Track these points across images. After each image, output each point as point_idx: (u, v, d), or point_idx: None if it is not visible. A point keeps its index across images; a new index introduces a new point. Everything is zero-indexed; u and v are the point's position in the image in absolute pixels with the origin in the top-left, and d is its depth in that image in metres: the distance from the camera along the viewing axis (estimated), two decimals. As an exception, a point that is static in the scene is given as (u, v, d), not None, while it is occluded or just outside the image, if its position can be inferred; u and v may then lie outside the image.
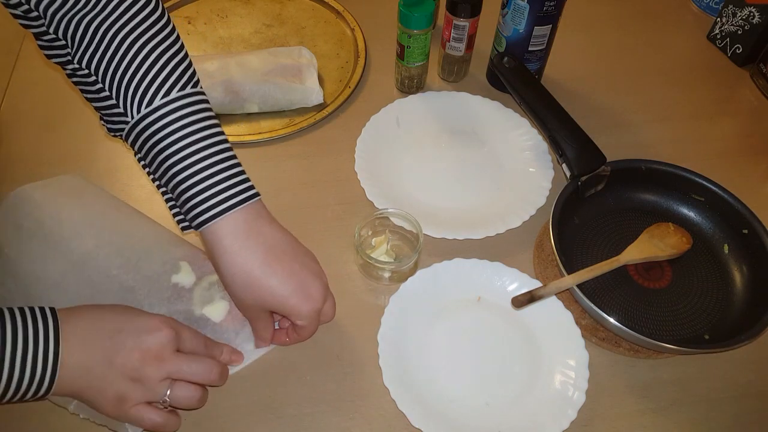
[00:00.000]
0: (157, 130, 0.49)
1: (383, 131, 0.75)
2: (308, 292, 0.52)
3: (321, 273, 0.54)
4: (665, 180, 0.67)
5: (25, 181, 0.63)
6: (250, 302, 0.52)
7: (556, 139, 0.66)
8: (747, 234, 0.63)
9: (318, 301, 0.53)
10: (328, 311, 0.56)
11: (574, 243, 0.65)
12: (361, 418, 0.55)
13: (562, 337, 0.58)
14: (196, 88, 0.51)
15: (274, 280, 0.51)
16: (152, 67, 0.49)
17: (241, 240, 0.50)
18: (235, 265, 0.50)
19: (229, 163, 0.51)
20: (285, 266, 0.51)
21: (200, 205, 0.49)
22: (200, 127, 0.50)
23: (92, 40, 0.49)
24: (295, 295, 0.51)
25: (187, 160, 0.49)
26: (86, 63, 0.50)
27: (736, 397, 0.57)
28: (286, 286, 0.51)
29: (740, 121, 0.81)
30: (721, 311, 0.61)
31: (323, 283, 0.54)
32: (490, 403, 0.55)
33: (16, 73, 0.82)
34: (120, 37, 0.49)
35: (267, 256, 0.51)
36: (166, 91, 0.49)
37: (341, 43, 0.87)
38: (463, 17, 0.74)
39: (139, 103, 0.49)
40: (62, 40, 0.50)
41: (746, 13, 0.83)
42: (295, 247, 0.53)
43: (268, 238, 0.52)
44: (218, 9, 0.91)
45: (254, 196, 0.52)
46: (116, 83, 0.49)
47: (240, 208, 0.50)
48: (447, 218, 0.67)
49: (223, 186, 0.50)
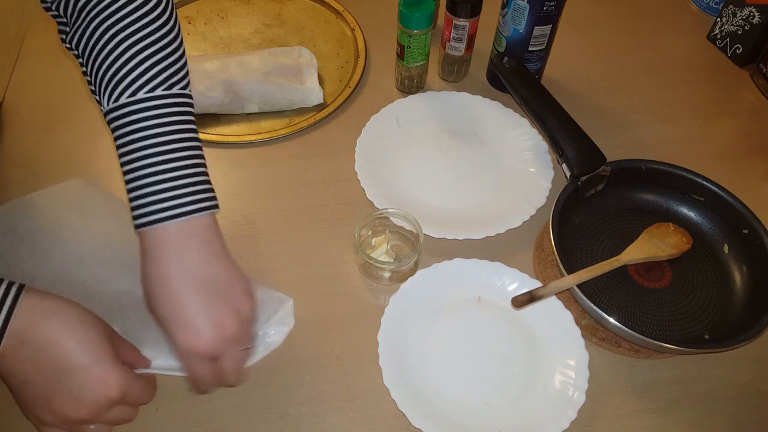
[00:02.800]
0: (120, 126, 0.47)
1: (383, 131, 0.75)
2: (197, 330, 0.47)
3: (228, 324, 0.48)
4: (665, 180, 0.67)
5: (25, 180, 0.63)
6: (151, 311, 0.49)
7: (556, 139, 0.66)
8: (747, 234, 0.63)
9: (202, 343, 0.47)
10: (227, 370, 0.50)
11: (574, 243, 0.65)
12: (361, 418, 0.55)
13: (562, 337, 0.58)
14: (171, 90, 0.49)
15: (172, 300, 0.47)
16: (127, 63, 0.47)
17: (171, 254, 0.47)
18: (152, 274, 0.47)
19: (188, 171, 0.48)
20: (190, 293, 0.47)
21: (144, 207, 0.47)
22: (164, 131, 0.47)
23: (81, 23, 0.48)
24: (181, 324, 0.47)
25: (143, 161, 0.47)
26: (75, 43, 0.49)
27: (736, 397, 0.57)
28: (178, 308, 0.47)
29: (740, 121, 0.81)
30: (721, 311, 0.61)
31: (221, 330, 0.47)
32: (490, 403, 0.55)
33: (16, 73, 0.82)
34: (105, 25, 0.47)
35: (185, 279, 0.47)
36: (134, 90, 0.47)
37: (341, 43, 0.87)
38: (463, 17, 0.74)
39: (109, 96, 0.48)
40: (64, 18, 0.50)
41: (746, 13, 0.83)
42: (219, 285, 0.48)
43: (197, 262, 0.48)
44: (218, 9, 0.91)
45: (201, 210, 0.48)
46: (93, 71, 0.48)
47: (182, 220, 0.47)
48: (447, 218, 0.67)
49: (175, 193, 0.47)
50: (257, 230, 0.67)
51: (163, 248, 0.47)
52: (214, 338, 0.47)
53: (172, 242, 0.47)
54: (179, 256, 0.47)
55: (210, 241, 0.49)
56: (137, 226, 0.48)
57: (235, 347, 0.50)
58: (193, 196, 0.48)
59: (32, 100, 0.79)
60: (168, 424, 0.54)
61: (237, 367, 0.50)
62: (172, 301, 0.47)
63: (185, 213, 0.47)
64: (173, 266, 0.47)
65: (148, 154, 0.47)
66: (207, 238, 0.49)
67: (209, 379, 0.50)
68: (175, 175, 0.47)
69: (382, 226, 0.66)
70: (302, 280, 0.63)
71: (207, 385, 0.51)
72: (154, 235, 0.47)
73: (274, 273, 0.63)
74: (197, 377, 0.50)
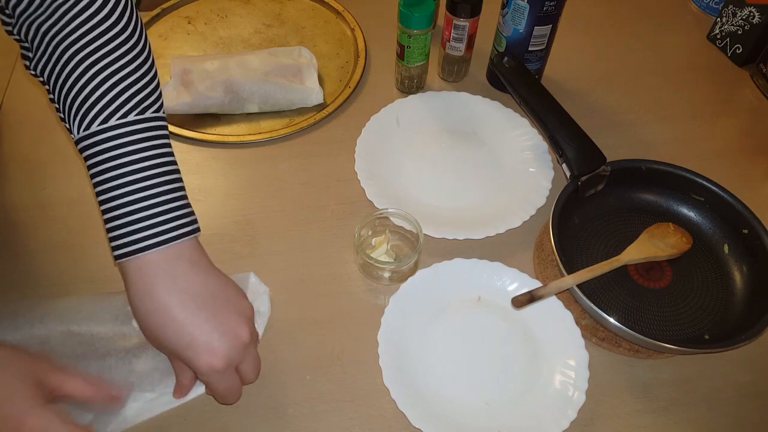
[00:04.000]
0: (93, 155, 0.46)
1: (383, 131, 0.75)
2: (211, 346, 0.46)
3: (239, 331, 0.48)
4: (665, 180, 0.67)
5: (25, 180, 0.63)
6: (157, 344, 0.48)
7: (556, 139, 0.66)
8: (747, 234, 0.63)
9: (221, 357, 0.47)
10: (247, 371, 0.50)
11: (574, 243, 0.65)
12: (361, 418, 0.55)
13: (562, 337, 0.58)
14: (144, 114, 0.47)
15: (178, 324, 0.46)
16: (96, 89, 0.46)
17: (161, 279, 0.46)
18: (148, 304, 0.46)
19: (168, 197, 0.47)
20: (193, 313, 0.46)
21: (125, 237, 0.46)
22: (139, 158, 0.46)
23: (46, 48, 0.46)
24: (194, 345, 0.46)
25: (121, 190, 0.46)
26: (40, 70, 0.48)
27: (736, 397, 0.57)
28: (186, 331, 0.46)
29: (740, 121, 0.81)
30: (721, 311, 0.61)
31: (236, 339, 0.48)
32: (490, 403, 0.55)
33: (16, 73, 0.82)
34: (71, 51, 0.46)
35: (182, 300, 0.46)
36: (105, 117, 0.46)
37: (341, 43, 0.87)
38: (463, 17, 0.74)
39: (79, 124, 0.46)
40: (26, 43, 0.48)
41: (746, 13, 0.83)
42: (217, 297, 0.48)
43: (190, 281, 0.47)
44: (218, 9, 0.91)
45: (184, 235, 0.47)
46: (62, 98, 0.47)
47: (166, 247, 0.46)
48: (447, 218, 0.67)
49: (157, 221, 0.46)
50: (257, 230, 0.67)
51: (152, 277, 0.46)
52: (232, 350, 0.47)
53: (160, 270, 0.46)
54: (172, 281, 0.46)
55: (197, 261, 0.48)
56: (118, 257, 0.47)
57: (253, 349, 0.50)
58: (175, 221, 0.47)
59: (32, 101, 0.79)
60: (168, 424, 0.54)
61: (256, 365, 0.51)
62: (179, 330, 0.46)
63: (168, 240, 0.47)
64: (168, 293, 0.46)
65: (126, 182, 0.46)
66: (193, 258, 0.48)
67: (233, 390, 0.50)
68: (155, 202, 0.47)
69: (382, 226, 0.66)
70: (302, 280, 0.63)
71: (236, 395, 0.51)
72: (138, 265, 0.46)
73: (274, 273, 0.63)
74: (225, 392, 0.50)
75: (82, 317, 0.57)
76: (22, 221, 0.67)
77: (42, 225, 0.67)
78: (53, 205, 0.69)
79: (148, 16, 0.88)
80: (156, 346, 0.49)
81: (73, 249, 0.65)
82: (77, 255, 0.65)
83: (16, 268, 0.63)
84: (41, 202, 0.69)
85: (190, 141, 0.75)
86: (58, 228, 0.67)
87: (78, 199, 0.69)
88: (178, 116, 0.76)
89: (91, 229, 0.66)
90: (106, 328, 0.56)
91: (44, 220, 0.67)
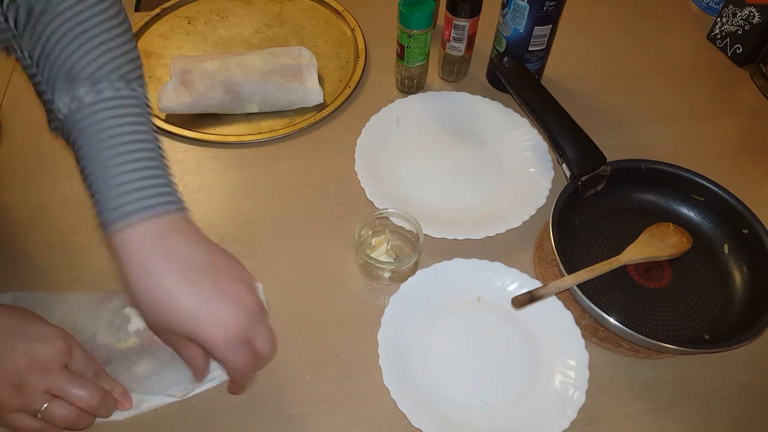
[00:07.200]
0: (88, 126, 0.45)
1: (383, 131, 0.75)
2: (219, 317, 0.44)
3: (246, 299, 0.46)
4: (665, 180, 0.67)
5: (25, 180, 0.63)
6: (162, 326, 0.46)
7: (556, 139, 0.66)
8: (747, 234, 0.63)
9: (231, 328, 0.44)
10: (263, 345, 0.47)
11: (574, 243, 0.65)
12: (361, 418, 0.55)
13: (562, 337, 0.58)
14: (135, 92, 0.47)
15: (180, 298, 0.44)
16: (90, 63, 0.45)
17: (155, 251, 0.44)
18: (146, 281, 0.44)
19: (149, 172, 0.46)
20: (195, 285, 0.44)
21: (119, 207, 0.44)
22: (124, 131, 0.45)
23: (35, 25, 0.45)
24: (201, 319, 0.44)
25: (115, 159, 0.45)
26: (23, 45, 0.46)
27: (736, 397, 0.57)
28: (191, 305, 0.44)
29: (740, 121, 0.81)
30: (721, 311, 0.61)
31: (243, 307, 0.45)
32: (490, 403, 0.55)
33: (16, 73, 0.82)
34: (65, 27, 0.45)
35: (181, 272, 0.44)
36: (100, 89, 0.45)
37: (341, 43, 0.87)
38: (463, 17, 0.74)
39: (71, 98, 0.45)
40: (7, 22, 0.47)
41: (746, 13, 0.83)
42: (218, 266, 0.46)
43: (186, 252, 0.45)
44: (218, 9, 0.91)
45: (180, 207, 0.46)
46: (47, 70, 0.46)
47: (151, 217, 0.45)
48: (447, 218, 0.67)
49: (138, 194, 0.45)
50: (257, 230, 0.67)
51: (146, 249, 0.44)
52: (240, 316, 0.45)
53: (153, 243, 0.44)
54: (168, 252, 0.44)
55: (190, 231, 0.47)
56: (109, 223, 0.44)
57: (263, 318, 0.47)
58: (167, 196, 0.46)
59: (32, 100, 0.78)
60: (168, 424, 0.54)
61: (271, 337, 0.48)
62: (183, 307, 0.44)
63: (162, 204, 0.45)
64: (165, 267, 0.44)
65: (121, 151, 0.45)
66: (186, 228, 0.46)
67: (249, 365, 0.47)
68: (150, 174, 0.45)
69: (382, 226, 0.66)
70: (302, 280, 0.63)
71: (248, 372, 0.48)
72: (129, 238, 0.44)
73: (274, 273, 0.63)
74: (238, 367, 0.47)
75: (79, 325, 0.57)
76: (21, 221, 0.67)
77: (41, 225, 0.67)
78: (53, 205, 0.69)
79: (148, 16, 0.88)
80: (161, 328, 0.46)
81: (72, 249, 0.65)
82: (76, 255, 0.65)
83: (15, 267, 0.63)
84: (41, 202, 0.69)
85: (190, 141, 0.75)
86: (57, 228, 0.67)
87: (78, 200, 0.69)
88: (178, 116, 0.76)
89: (90, 229, 0.66)
90: (103, 335, 0.56)
91: (44, 220, 0.67)
